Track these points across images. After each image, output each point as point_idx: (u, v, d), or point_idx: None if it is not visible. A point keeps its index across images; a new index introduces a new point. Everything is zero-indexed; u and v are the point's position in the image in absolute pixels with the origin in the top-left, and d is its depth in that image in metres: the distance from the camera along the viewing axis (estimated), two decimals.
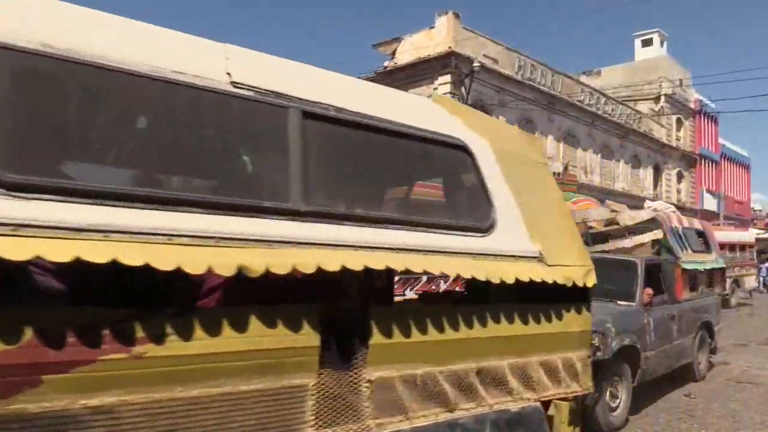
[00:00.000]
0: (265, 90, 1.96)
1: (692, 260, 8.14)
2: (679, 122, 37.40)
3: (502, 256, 2.40)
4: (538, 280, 2.42)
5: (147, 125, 1.88)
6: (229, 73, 1.91)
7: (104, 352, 1.49)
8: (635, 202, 31.59)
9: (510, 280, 2.31)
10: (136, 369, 1.53)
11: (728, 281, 17.87)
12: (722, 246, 18.08)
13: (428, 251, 2.18)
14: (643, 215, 8.12)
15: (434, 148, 2.44)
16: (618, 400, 5.45)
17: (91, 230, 1.49)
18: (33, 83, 1.59)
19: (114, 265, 1.46)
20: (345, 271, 1.88)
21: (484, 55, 21.74)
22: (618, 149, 30.69)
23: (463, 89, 20.74)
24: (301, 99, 2.03)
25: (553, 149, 25.75)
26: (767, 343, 10.70)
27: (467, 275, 2.24)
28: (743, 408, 6.18)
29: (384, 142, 2.29)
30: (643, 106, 33.97)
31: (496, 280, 2.26)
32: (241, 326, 1.72)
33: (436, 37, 21.32)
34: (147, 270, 1.51)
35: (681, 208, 36.47)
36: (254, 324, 1.74)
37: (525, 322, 2.47)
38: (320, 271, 1.81)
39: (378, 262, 1.99)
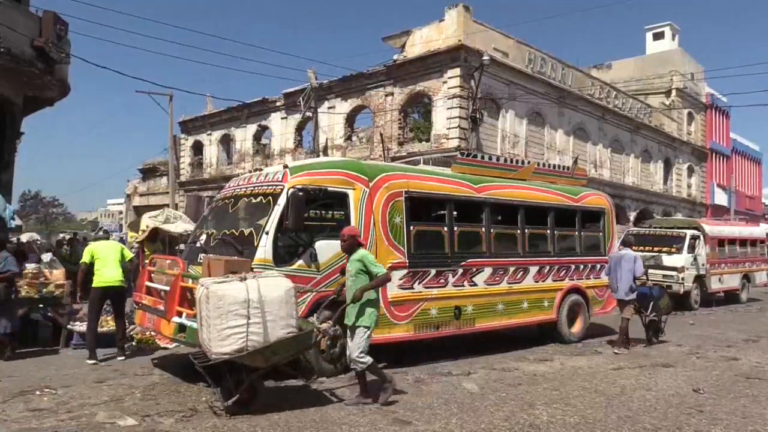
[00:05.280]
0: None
1: None
2: (690, 116, 37.10)
3: None
4: None
5: None
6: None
7: None
8: (646, 197, 31.55)
9: None
10: None
11: (739, 276, 17.85)
12: (733, 241, 18.02)
13: None
14: None
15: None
16: None
17: None
18: None
19: None
20: None
21: (494, 49, 21.64)
22: (628, 143, 30.50)
23: (472, 83, 20.67)
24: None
25: (563, 143, 25.65)
26: None
27: None
28: (753, 404, 6.17)
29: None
30: (654, 100, 33.71)
31: None
32: None
33: (445, 31, 21.24)
34: None
35: (692, 202, 36.37)
36: None
37: None
38: None
39: None
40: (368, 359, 5.71)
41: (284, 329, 5.28)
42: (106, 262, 7.87)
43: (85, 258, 8.03)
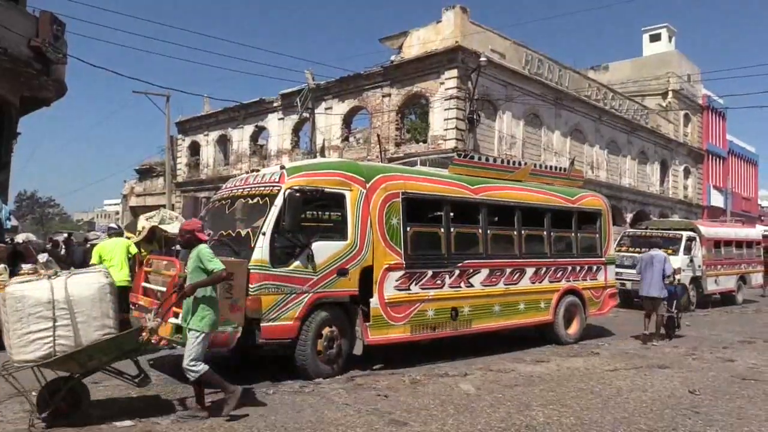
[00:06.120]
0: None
1: None
2: (686, 118, 37.22)
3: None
4: None
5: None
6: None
7: None
8: (642, 198, 31.63)
9: None
10: None
11: (735, 278, 17.89)
12: (729, 242, 18.09)
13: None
14: None
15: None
16: None
17: None
18: None
19: None
20: None
21: (491, 50, 21.68)
22: (625, 145, 30.58)
23: (469, 84, 20.70)
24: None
25: (559, 144, 25.70)
26: None
27: None
28: (749, 405, 6.18)
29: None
30: (651, 102, 33.82)
31: None
32: None
33: (443, 32, 21.28)
34: None
35: (688, 204, 36.46)
36: None
37: None
38: None
39: None
40: (201, 367, 5.07)
41: (99, 330, 4.72)
42: (113, 263, 8.04)
43: (94, 259, 8.34)
